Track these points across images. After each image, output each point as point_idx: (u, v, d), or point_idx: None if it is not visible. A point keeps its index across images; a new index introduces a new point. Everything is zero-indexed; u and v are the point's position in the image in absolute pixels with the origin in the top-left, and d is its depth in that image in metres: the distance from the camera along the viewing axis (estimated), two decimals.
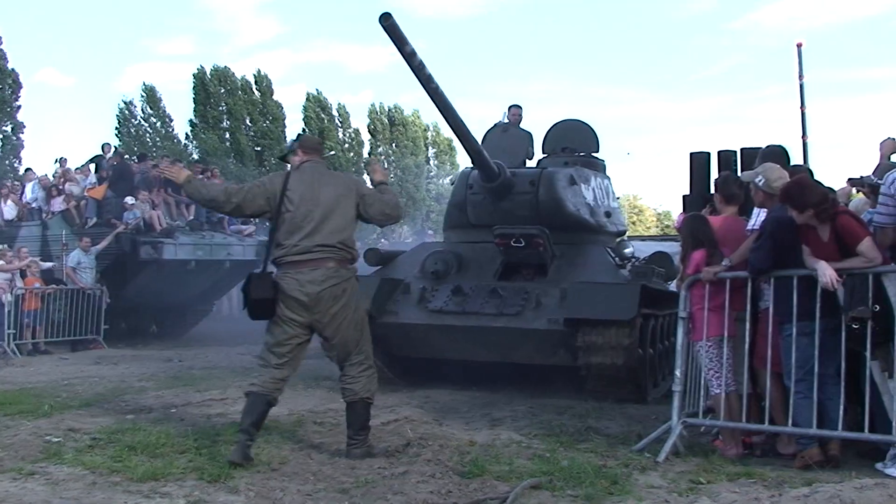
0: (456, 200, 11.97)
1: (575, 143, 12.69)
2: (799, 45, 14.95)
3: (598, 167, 12.60)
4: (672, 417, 6.67)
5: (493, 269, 10.74)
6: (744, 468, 6.14)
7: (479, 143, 11.38)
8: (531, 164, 12.52)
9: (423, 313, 10.25)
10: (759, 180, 6.72)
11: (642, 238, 17.62)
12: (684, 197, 13.96)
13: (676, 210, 51.58)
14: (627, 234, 18.44)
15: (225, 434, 7.27)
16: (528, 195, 11.08)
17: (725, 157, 13.41)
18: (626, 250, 10.55)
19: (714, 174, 12.35)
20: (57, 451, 6.75)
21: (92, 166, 20.68)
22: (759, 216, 6.93)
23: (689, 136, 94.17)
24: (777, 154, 7.35)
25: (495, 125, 12.74)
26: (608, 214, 11.97)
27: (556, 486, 5.57)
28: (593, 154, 12.74)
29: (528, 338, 9.72)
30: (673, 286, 11.24)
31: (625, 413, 8.77)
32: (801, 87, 14.66)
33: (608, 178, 12.69)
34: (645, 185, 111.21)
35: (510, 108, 13.19)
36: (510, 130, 12.67)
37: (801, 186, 6.32)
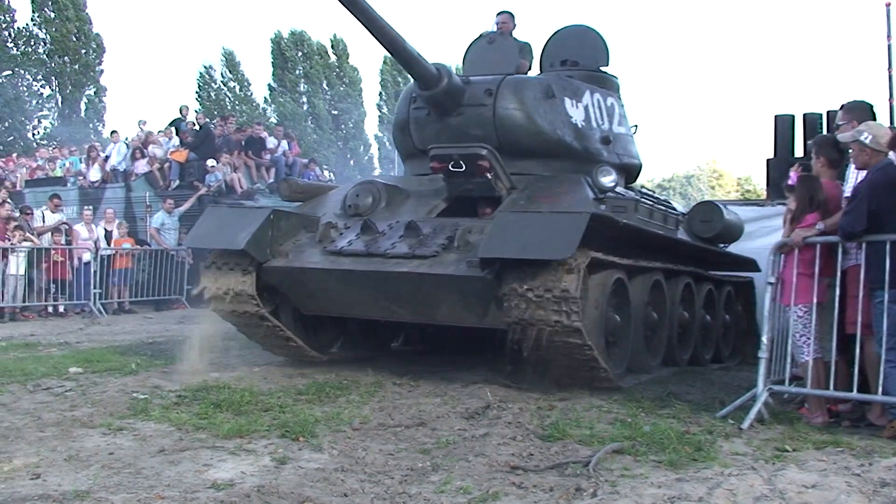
0: (398, 119, 9.94)
1: (578, 54, 10.65)
2: (888, 5, 14.47)
3: (608, 84, 10.42)
4: (758, 384, 6.56)
5: (433, 206, 8.80)
6: (831, 436, 6.03)
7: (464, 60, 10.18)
8: None
9: (320, 255, 8.22)
10: (866, 137, 6.36)
11: (724, 202, 17.25)
12: (768, 161, 13.67)
13: (757, 174, 50.71)
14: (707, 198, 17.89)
15: (307, 393, 7.36)
16: (483, 108, 9.02)
17: (811, 120, 13.10)
18: (604, 179, 8.32)
19: (798, 137, 12.07)
20: (144, 407, 6.93)
21: (172, 129, 21.02)
22: (857, 179, 6.66)
23: (771, 97, 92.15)
24: (864, 108, 7.05)
25: (480, 36, 10.57)
26: (606, 141, 9.78)
27: (639, 452, 5.52)
28: (601, 68, 10.63)
29: (444, 288, 7.60)
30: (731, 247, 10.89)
31: (705, 379, 8.67)
32: (889, 48, 14.20)
33: (617, 97, 10.47)
34: (725, 149, 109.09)
35: (498, 14, 11.05)
36: (497, 41, 10.32)
37: None
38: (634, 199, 8.24)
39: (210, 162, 18.24)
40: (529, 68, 10.50)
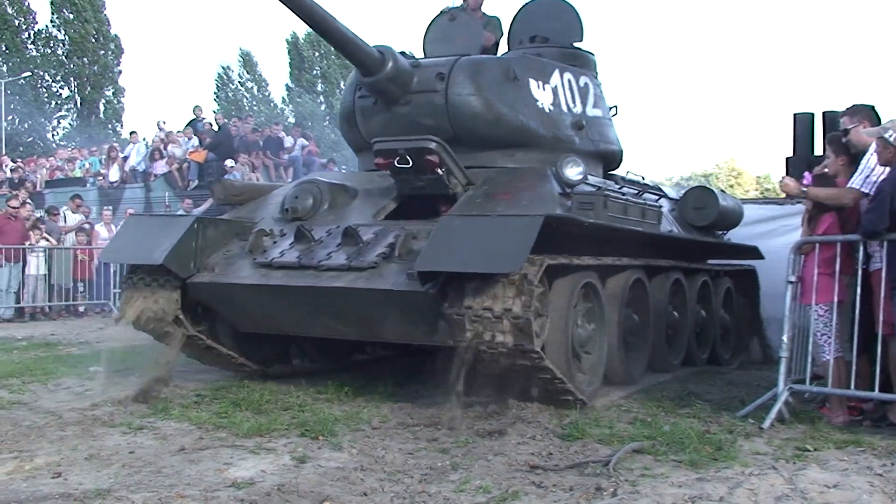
0: (343, 109, 8.86)
1: (549, 29, 9.56)
2: None
3: (582, 61, 9.37)
4: (778, 383, 6.53)
5: (382, 206, 7.81)
6: (852, 436, 5.99)
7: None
8: None
9: (249, 268, 7.32)
10: (891, 135, 6.30)
11: (742, 201, 17.16)
12: (787, 159, 13.62)
13: (776, 173, 50.52)
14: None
15: (327, 392, 7.38)
16: (434, 95, 7.99)
17: (830, 119, 13.03)
18: (570, 171, 7.35)
19: (818, 135, 11.99)
20: (164, 406, 6.95)
21: (191, 129, 21.14)
22: (865, 175, 6.60)
23: (790, 96, 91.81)
24: (869, 110, 7.03)
25: (441, 11, 9.37)
26: (579, 126, 8.71)
27: (659, 451, 5.50)
28: (575, 44, 9.54)
29: (384, 304, 6.71)
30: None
31: (725, 378, 8.64)
32: None
33: (593, 76, 9.38)
34: (744, 147, 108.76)
35: None
36: (459, 18, 9.14)
37: None
38: (603, 194, 7.35)
39: (228, 162, 18.31)
40: (496, 44, 9.63)
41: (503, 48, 9.78)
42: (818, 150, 13.12)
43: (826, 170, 7.19)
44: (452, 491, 4.79)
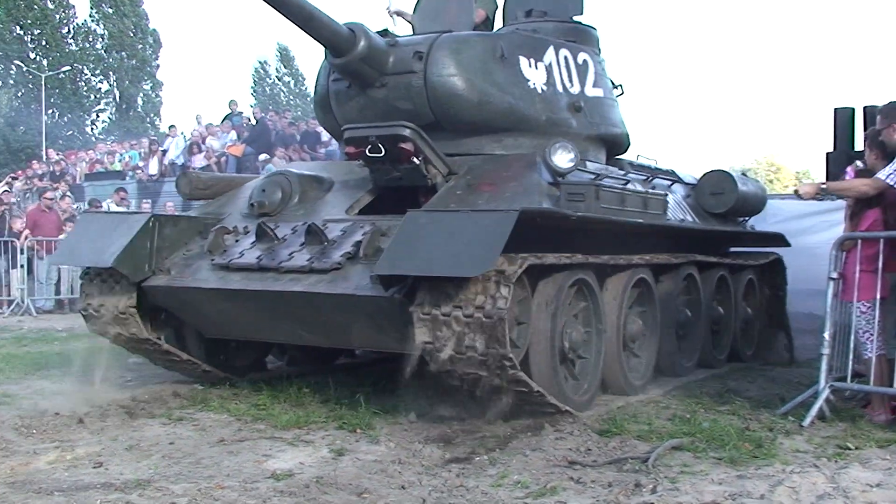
0: (317, 94, 8.15)
1: (546, 3, 8.80)
2: None
3: (583, 37, 8.56)
4: (819, 381, 6.46)
5: (357, 199, 7.24)
6: (894, 435, 5.91)
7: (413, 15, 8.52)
8: None
9: (207, 270, 6.79)
10: None
11: (781, 196, 16.94)
12: (828, 154, 13.48)
13: (815, 168, 49.96)
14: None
15: (364, 385, 7.40)
16: (412, 76, 7.27)
17: (871, 113, 12.86)
18: (559, 158, 6.67)
19: (859, 130, 11.82)
20: (203, 398, 7.00)
21: (229, 123, 21.28)
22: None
23: (830, 90, 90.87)
24: None
25: None
26: (577, 108, 7.92)
27: (699, 448, 5.46)
28: (574, 18, 8.77)
29: (348, 310, 6.16)
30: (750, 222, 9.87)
31: (765, 375, 8.54)
32: None
33: (593, 52, 8.54)
34: (783, 143, 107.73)
35: None
36: None
37: None
38: (594, 183, 6.70)
39: (263, 156, 18.40)
40: (488, 20, 8.85)
41: (498, 25, 9.10)
42: (859, 146, 13.00)
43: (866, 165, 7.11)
44: (490, 486, 4.78)
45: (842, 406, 6.66)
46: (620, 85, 9.10)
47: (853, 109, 12.37)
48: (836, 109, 13.05)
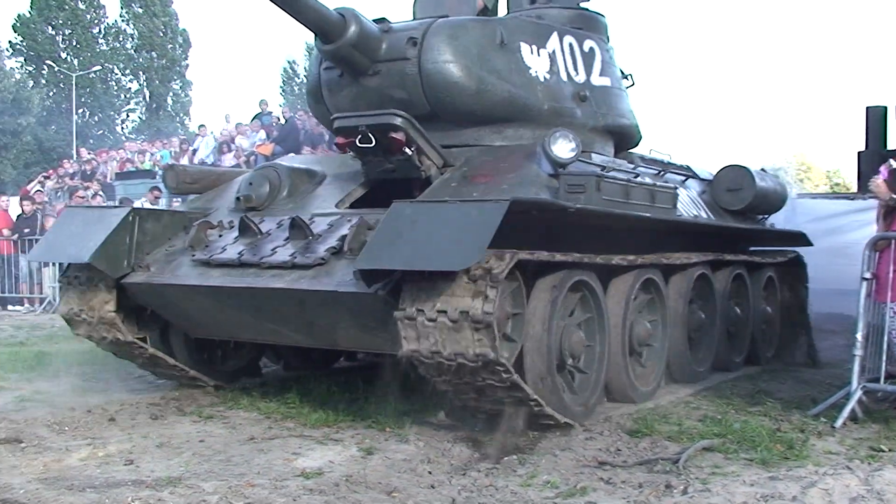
0: (309, 84, 7.78)
1: None
2: None
3: (590, 24, 8.14)
4: (851, 382, 6.40)
5: (349, 192, 6.92)
6: None
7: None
8: None
9: (187, 267, 6.51)
10: None
11: (812, 195, 16.81)
12: (859, 153, 13.34)
13: (846, 167, 49.57)
14: (796, 192, 17.32)
15: (393, 384, 7.40)
16: (405, 63, 6.90)
17: None
18: (559, 147, 6.25)
19: (892, 129, 11.70)
20: (233, 396, 7.04)
21: (258, 122, 21.35)
22: None
23: (862, 88, 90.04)
24: None
25: None
26: (582, 98, 7.54)
27: (730, 449, 5.42)
28: (582, 5, 8.38)
29: (331, 308, 5.83)
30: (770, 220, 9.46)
31: (796, 377, 8.46)
32: None
33: (600, 39, 8.11)
34: (814, 141, 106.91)
35: None
36: None
37: None
38: (595, 174, 6.25)
39: (291, 155, 18.43)
40: (488, 8, 8.26)
41: (503, 12, 8.58)
42: (892, 144, 12.89)
43: None
44: (519, 485, 4.77)
45: (874, 407, 6.59)
46: (630, 75, 8.81)
47: (886, 108, 12.26)
48: (868, 108, 12.93)
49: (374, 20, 6.98)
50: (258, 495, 4.58)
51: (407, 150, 6.43)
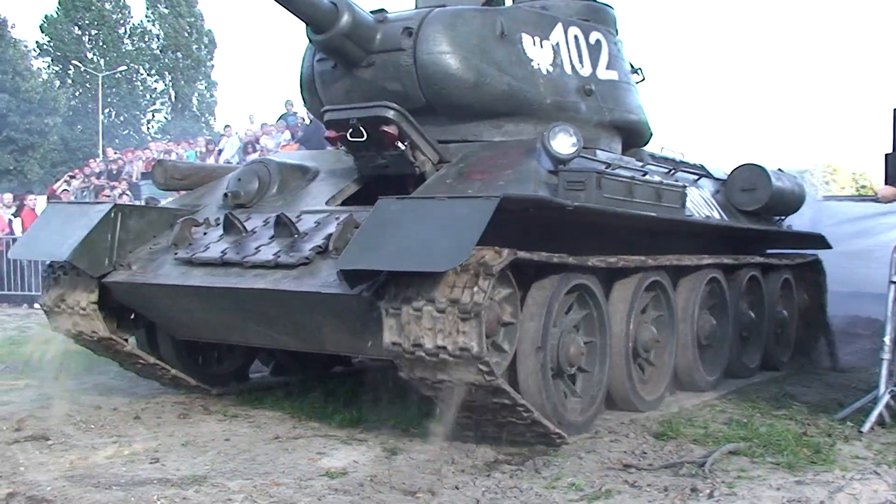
0: (302, 76, 7.40)
1: None
2: None
3: (597, 15, 7.78)
4: (879, 386, 6.34)
5: (341, 189, 6.66)
6: None
7: None
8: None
9: (169, 265, 6.25)
10: None
11: (839, 198, 16.63)
12: (887, 156, 13.24)
13: (873, 170, 49.16)
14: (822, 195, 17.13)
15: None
16: (400, 54, 6.61)
17: None
18: (559, 142, 5.97)
19: None
20: (258, 397, 7.07)
21: (283, 123, 21.41)
22: None
23: (889, 90, 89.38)
24: None
25: None
26: (587, 92, 7.23)
27: (756, 453, 5.38)
28: None
29: (314, 309, 5.59)
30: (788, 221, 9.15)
31: (822, 380, 8.39)
32: None
33: (607, 32, 7.75)
34: (840, 144, 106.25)
35: None
36: None
37: None
38: (596, 170, 5.97)
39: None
40: (491, 3, 7.70)
41: (510, 1, 8.09)
42: None
43: None
44: (544, 487, 4.76)
45: None
46: (640, 69, 8.49)
47: None
48: (895, 109, 12.83)
49: (371, 11, 6.76)
50: (283, 494, 4.60)
51: (400, 144, 6.19)
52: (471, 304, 4.76)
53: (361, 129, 6.10)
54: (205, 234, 6.41)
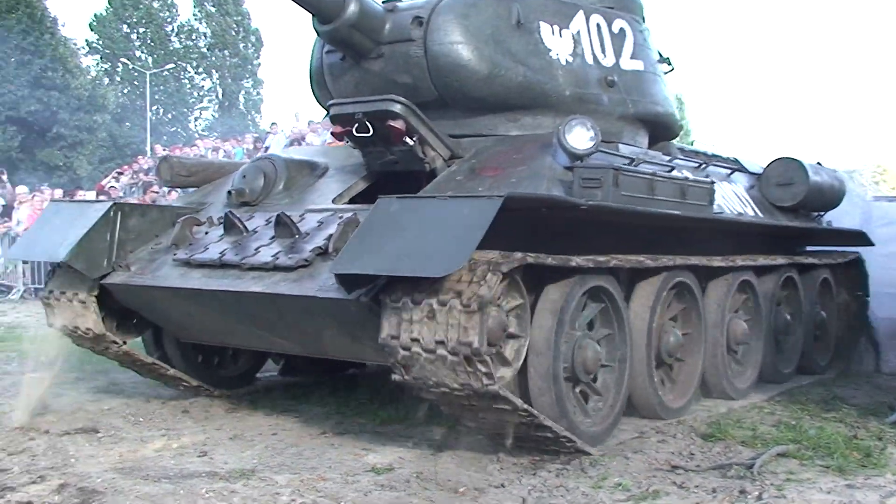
0: (312, 69, 7.12)
1: None
2: None
3: (626, 4, 7.32)
4: None
5: (349, 186, 6.39)
6: None
7: None
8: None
9: (169, 266, 6.02)
10: None
11: (889, 199, 16.34)
12: None
13: None
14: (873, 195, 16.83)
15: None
16: (410, 45, 6.31)
17: None
18: (575, 136, 5.63)
19: None
20: (304, 392, 7.15)
21: (328, 121, 21.52)
22: None
23: None
24: None
25: None
26: (609, 83, 6.80)
27: (805, 456, 5.31)
28: None
29: (312, 314, 5.36)
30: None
31: (872, 382, 8.28)
32: None
33: (632, 20, 7.27)
34: (891, 144, 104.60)
35: None
36: None
37: None
38: (613, 166, 5.51)
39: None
40: None
41: None
42: None
43: None
44: (590, 487, 4.74)
45: None
46: (668, 59, 7.95)
47: None
48: None
49: (382, 1, 6.54)
50: (330, 489, 4.62)
51: (408, 139, 5.93)
52: (475, 297, 4.50)
53: (367, 123, 5.87)
54: (206, 233, 6.23)
